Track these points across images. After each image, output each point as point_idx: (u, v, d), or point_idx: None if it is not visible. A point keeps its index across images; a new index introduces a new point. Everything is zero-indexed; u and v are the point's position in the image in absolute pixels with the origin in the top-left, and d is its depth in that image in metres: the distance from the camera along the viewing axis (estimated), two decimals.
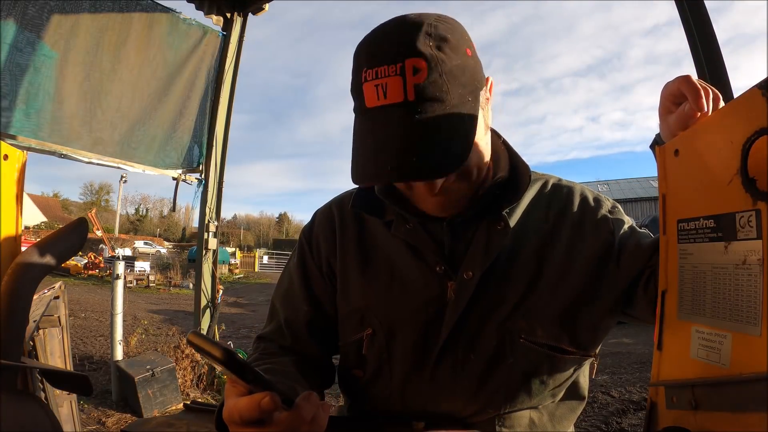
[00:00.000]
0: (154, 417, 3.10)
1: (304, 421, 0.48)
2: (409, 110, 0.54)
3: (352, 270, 0.75)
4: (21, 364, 0.81)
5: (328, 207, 0.82)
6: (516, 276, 0.69)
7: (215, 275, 4.10)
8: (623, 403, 3.74)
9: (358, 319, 0.73)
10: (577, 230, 0.72)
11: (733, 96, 1.78)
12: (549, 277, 0.69)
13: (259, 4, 3.96)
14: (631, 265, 0.68)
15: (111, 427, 3.13)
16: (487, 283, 0.68)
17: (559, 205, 0.75)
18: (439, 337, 0.68)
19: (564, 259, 0.70)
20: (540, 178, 0.79)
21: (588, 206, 0.75)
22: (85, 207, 44.40)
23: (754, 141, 0.46)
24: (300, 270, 0.80)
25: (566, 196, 0.76)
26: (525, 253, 0.70)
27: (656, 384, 0.58)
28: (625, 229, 0.73)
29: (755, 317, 0.45)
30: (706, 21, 1.89)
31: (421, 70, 0.54)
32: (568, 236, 0.72)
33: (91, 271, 17.72)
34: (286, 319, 0.78)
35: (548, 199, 0.75)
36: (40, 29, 2.82)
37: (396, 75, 0.54)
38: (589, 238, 0.71)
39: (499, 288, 0.69)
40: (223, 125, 4.06)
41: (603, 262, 0.70)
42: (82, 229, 0.96)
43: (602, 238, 0.71)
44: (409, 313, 0.70)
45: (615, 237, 0.71)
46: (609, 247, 0.70)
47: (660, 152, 0.61)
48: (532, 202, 0.74)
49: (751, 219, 0.46)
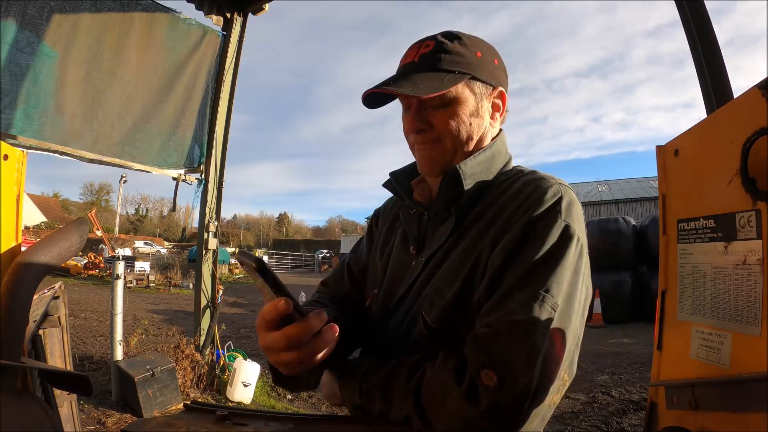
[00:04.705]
0: (154, 417, 3.10)
1: (310, 331, 0.60)
2: (411, 65, 0.78)
3: (381, 245, 0.92)
4: (21, 364, 0.81)
5: (391, 197, 0.99)
6: (457, 267, 0.72)
7: (215, 275, 4.10)
8: (623, 403, 3.74)
9: (372, 281, 0.90)
10: (500, 230, 0.69)
11: (733, 96, 1.78)
12: (470, 270, 0.71)
13: (259, 4, 3.96)
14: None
15: (111, 427, 3.13)
16: (437, 264, 0.76)
17: (510, 201, 0.73)
18: (388, 307, 0.81)
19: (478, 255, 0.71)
20: (522, 174, 0.78)
21: (517, 212, 0.70)
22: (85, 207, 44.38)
23: (754, 141, 0.46)
24: (368, 236, 1.00)
25: (516, 192, 0.73)
26: (474, 248, 0.71)
27: (656, 384, 0.58)
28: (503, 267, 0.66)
29: (755, 317, 0.45)
30: (706, 21, 1.89)
31: (429, 47, 0.78)
32: (493, 233, 0.70)
33: (91, 271, 17.73)
34: (348, 263, 0.97)
35: (512, 194, 0.74)
36: (41, 29, 2.82)
37: (413, 48, 0.80)
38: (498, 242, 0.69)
39: (443, 274, 0.74)
40: (223, 125, 4.07)
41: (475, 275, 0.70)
42: (82, 229, 0.97)
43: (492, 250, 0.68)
44: (385, 284, 0.85)
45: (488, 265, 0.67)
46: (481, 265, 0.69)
47: (660, 152, 0.61)
48: (507, 200, 0.73)
49: (751, 219, 0.46)
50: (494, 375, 0.58)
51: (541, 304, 0.60)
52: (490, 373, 0.58)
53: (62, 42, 2.94)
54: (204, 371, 3.90)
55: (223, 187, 4.10)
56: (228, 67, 3.98)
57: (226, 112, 4.07)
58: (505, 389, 0.57)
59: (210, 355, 3.98)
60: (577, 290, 0.66)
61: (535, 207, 0.67)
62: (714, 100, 1.77)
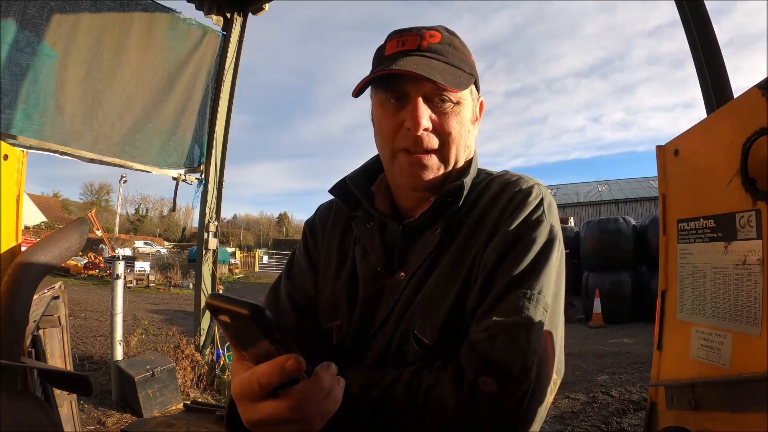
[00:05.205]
0: (154, 417, 3.10)
1: (323, 391, 0.47)
2: (421, 54, 0.68)
3: (330, 265, 0.80)
4: (21, 364, 0.81)
5: (330, 202, 0.88)
6: (446, 280, 0.67)
7: (215, 275, 4.10)
8: (623, 403, 3.73)
9: (329, 312, 0.76)
10: (487, 236, 0.68)
11: (733, 96, 1.78)
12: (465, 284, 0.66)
13: (259, 4, 3.96)
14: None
15: (111, 427, 3.13)
16: (422, 284, 0.68)
17: (491, 205, 0.71)
18: (366, 334, 0.71)
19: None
20: (492, 176, 0.76)
21: (503, 215, 0.68)
22: (85, 207, 44.35)
23: (754, 141, 0.46)
24: (306, 257, 0.84)
25: (495, 195, 0.71)
26: (463, 258, 0.68)
27: (656, 384, 0.58)
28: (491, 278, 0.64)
29: (755, 317, 0.45)
30: (706, 21, 1.89)
31: (435, 36, 0.70)
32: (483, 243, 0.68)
33: (91, 271, 17.72)
34: (289, 294, 0.80)
35: (491, 198, 0.72)
36: (41, 29, 2.82)
37: (416, 36, 0.70)
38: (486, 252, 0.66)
39: (432, 290, 0.67)
40: (223, 125, 4.06)
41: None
42: (82, 229, 0.97)
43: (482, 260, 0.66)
44: (356, 310, 0.73)
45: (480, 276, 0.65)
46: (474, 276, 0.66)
47: (660, 152, 0.61)
48: (487, 204, 0.71)
49: (751, 219, 0.46)
50: (493, 381, 0.56)
51: (535, 305, 0.60)
52: (489, 380, 0.56)
53: (62, 42, 2.94)
54: (204, 371, 3.90)
55: (223, 187, 4.09)
56: (228, 67, 3.97)
57: (226, 112, 4.06)
58: (506, 395, 0.56)
59: (210, 355, 3.98)
60: (561, 289, 0.66)
61: (520, 209, 0.67)
62: (714, 100, 1.77)
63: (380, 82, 0.68)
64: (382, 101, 0.71)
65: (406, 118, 0.67)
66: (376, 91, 0.72)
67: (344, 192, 0.79)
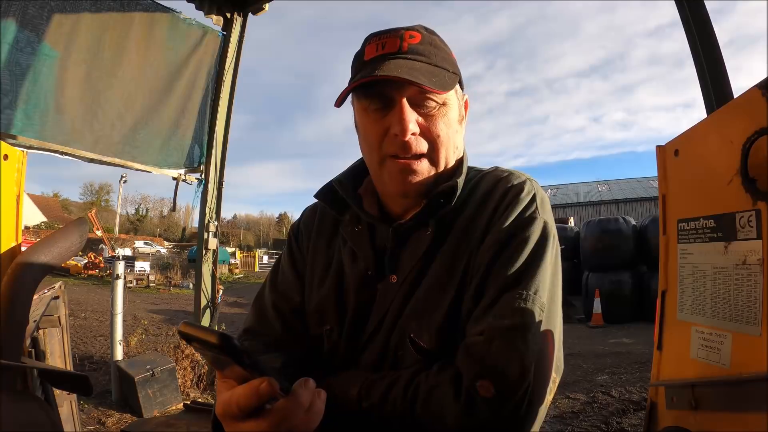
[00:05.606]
0: (154, 417, 3.10)
1: (302, 408, 0.48)
2: (403, 56, 0.67)
3: (317, 270, 0.78)
4: (21, 364, 0.81)
5: (315, 205, 0.86)
6: (441, 282, 0.66)
7: (215, 275, 4.10)
8: (623, 403, 3.73)
9: (318, 317, 0.75)
10: (480, 234, 0.67)
11: (733, 96, 1.78)
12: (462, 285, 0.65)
13: (259, 4, 3.96)
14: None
15: (111, 427, 3.13)
16: (415, 287, 0.67)
17: (484, 202, 0.70)
18: (360, 339, 0.70)
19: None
20: (482, 172, 0.75)
21: (496, 212, 0.68)
22: (85, 207, 44.30)
23: (754, 141, 0.46)
24: (291, 265, 0.83)
25: (486, 192, 0.71)
26: (457, 258, 0.67)
27: (656, 384, 0.58)
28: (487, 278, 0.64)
29: (755, 317, 0.45)
30: (706, 21, 1.89)
31: (416, 37, 0.68)
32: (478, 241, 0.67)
33: (91, 271, 17.74)
34: (274, 303, 0.79)
35: (483, 194, 0.71)
36: (41, 29, 2.82)
37: (395, 38, 0.68)
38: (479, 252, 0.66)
39: (426, 292, 0.67)
40: (223, 125, 4.06)
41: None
42: (82, 229, 0.97)
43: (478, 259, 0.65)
44: (348, 316, 0.72)
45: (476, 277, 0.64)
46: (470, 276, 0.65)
47: (660, 152, 0.61)
48: (479, 202, 0.70)
49: (751, 219, 0.46)
50: (491, 385, 0.55)
51: (532, 306, 0.59)
52: (486, 384, 0.55)
53: (62, 42, 2.94)
54: (204, 371, 3.90)
55: (223, 187, 4.10)
56: (228, 67, 3.97)
57: (226, 112, 4.06)
58: (504, 399, 0.55)
59: None
60: (557, 287, 0.65)
61: (513, 206, 0.66)
62: (714, 100, 1.77)
63: (362, 88, 0.67)
64: (365, 107, 0.69)
65: (392, 124, 0.66)
66: (359, 98, 0.70)
67: (331, 195, 0.77)
